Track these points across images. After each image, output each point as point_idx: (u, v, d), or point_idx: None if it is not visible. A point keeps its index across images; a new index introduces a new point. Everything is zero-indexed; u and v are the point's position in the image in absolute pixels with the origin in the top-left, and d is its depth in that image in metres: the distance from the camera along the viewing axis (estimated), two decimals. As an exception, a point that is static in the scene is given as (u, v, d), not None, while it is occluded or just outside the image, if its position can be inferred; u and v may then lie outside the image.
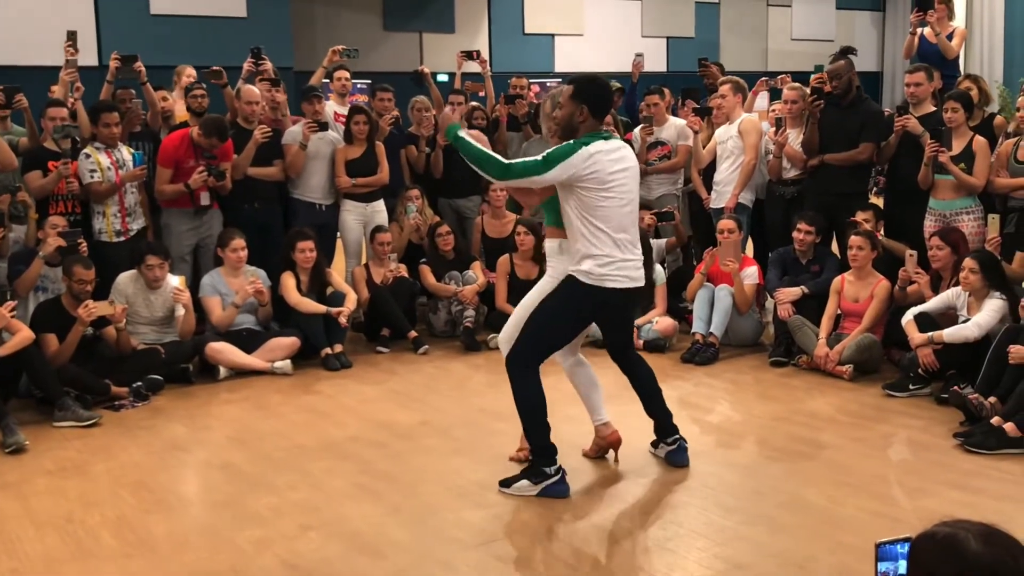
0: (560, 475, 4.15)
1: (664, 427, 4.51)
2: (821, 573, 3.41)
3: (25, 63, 9.26)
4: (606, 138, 4.07)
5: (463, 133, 4.16)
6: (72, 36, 6.68)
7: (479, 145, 4.14)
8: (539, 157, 3.99)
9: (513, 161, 4.08)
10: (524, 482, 4.16)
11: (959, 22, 8.29)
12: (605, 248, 4.03)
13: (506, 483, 4.19)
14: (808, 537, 3.67)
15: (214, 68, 7.21)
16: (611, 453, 4.58)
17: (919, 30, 7.61)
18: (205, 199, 6.64)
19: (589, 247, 4.03)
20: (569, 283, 4.11)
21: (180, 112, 7.28)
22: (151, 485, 4.39)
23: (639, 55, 8.86)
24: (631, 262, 4.11)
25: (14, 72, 8.59)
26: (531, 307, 4.26)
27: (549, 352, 4.25)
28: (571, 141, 4.02)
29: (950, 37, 7.66)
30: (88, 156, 6.27)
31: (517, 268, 6.90)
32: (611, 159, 4.01)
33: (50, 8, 9.79)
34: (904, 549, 1.89)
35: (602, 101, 4.13)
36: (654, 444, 4.59)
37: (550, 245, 4.35)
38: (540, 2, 14.34)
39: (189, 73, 7.61)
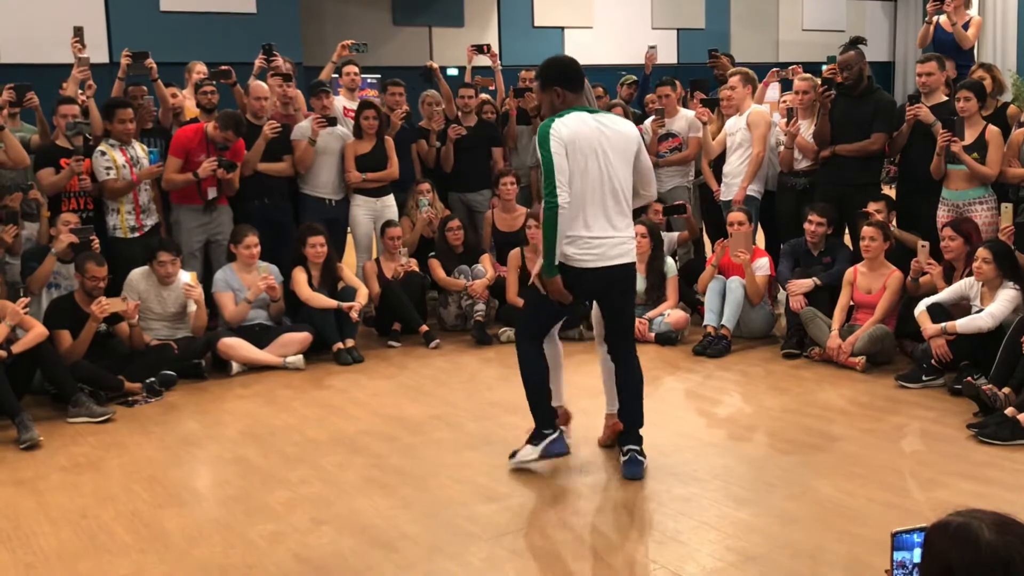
0: (559, 433, 4.30)
1: (626, 434, 4.37)
2: (833, 564, 3.40)
3: (36, 61, 9.29)
4: (590, 111, 4.11)
5: (542, 263, 4.12)
6: (79, 32, 6.69)
7: (545, 244, 4.08)
8: (542, 168, 4.02)
9: (544, 201, 4.01)
10: (526, 448, 4.33)
11: (972, 11, 8.23)
12: (575, 227, 4.06)
13: (513, 454, 4.38)
14: (820, 528, 3.67)
15: (222, 67, 7.22)
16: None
17: (935, 19, 7.55)
18: (212, 192, 6.65)
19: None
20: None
21: (190, 108, 7.30)
22: (164, 480, 4.42)
23: (652, 47, 8.83)
24: (605, 240, 4.09)
25: (25, 70, 8.63)
26: None
27: (545, 325, 4.38)
28: (540, 125, 4.09)
29: (966, 27, 7.61)
30: (104, 154, 6.30)
31: (528, 261, 6.90)
32: (588, 129, 4.03)
33: (60, 6, 9.82)
34: (920, 539, 1.89)
35: (569, 75, 4.15)
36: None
37: None
38: (549, -5, 14.33)
39: (200, 70, 7.62)
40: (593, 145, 4.05)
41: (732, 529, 3.69)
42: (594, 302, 4.47)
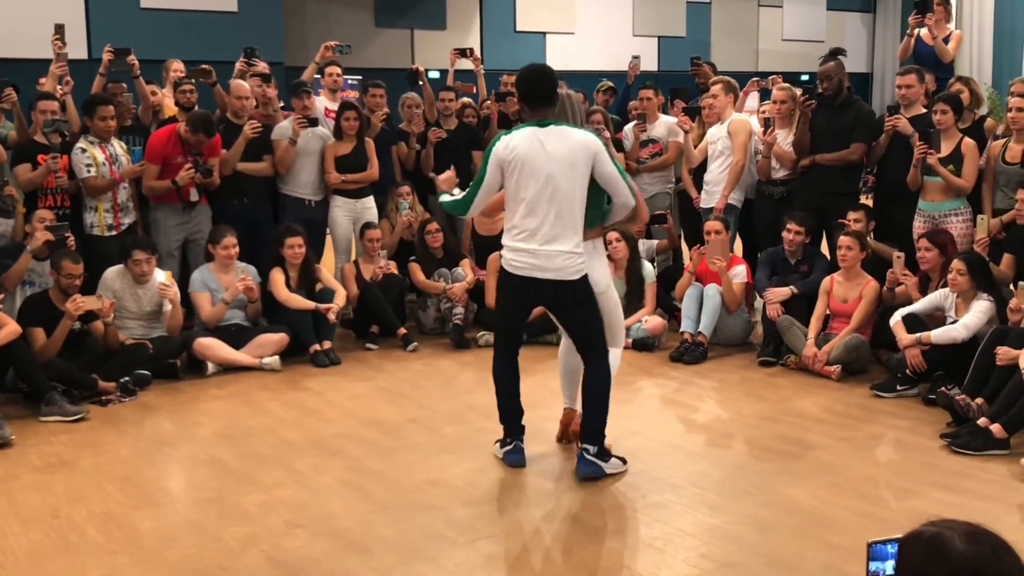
0: (513, 446, 4.48)
1: (583, 434, 4.38)
2: (808, 572, 3.41)
3: (15, 56, 9.20)
4: (541, 124, 4.17)
5: (445, 198, 4.52)
6: (59, 29, 6.64)
7: (453, 196, 4.46)
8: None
9: (462, 197, 4.32)
10: (496, 445, 4.59)
11: (952, 24, 8.30)
12: (509, 233, 4.24)
13: (497, 442, 4.61)
14: (795, 537, 3.68)
15: (203, 67, 7.17)
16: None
17: (916, 31, 7.62)
18: (194, 195, 6.62)
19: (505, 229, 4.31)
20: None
21: (169, 107, 7.25)
22: (138, 481, 4.38)
23: (636, 57, 8.84)
24: (539, 251, 4.14)
25: (3, 65, 8.54)
26: None
27: (505, 333, 4.51)
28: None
29: (946, 40, 7.67)
30: (84, 151, 6.25)
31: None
32: (531, 147, 4.10)
33: (40, 1, 9.73)
34: (894, 549, 1.89)
35: (530, 89, 4.23)
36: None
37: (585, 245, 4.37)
38: (532, 0, 14.33)
39: (177, 68, 7.57)
40: (533, 161, 4.11)
41: (708, 536, 3.70)
42: None
